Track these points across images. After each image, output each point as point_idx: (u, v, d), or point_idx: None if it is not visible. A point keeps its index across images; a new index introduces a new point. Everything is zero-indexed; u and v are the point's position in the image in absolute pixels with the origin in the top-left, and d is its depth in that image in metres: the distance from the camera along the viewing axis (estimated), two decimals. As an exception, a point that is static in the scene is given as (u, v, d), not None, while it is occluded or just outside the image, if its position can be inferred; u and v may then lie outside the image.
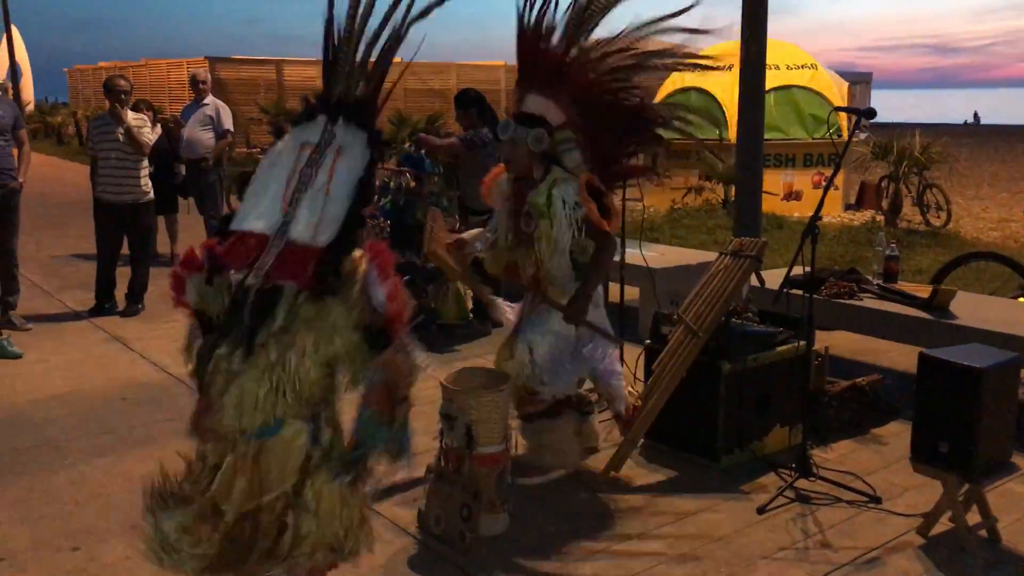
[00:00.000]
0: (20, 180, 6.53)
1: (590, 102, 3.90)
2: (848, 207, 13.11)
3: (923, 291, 5.13)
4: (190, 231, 9.53)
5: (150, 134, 7.29)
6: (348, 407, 2.67)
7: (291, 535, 2.53)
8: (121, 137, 6.95)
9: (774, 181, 12.59)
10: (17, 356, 6.03)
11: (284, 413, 2.52)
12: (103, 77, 31.82)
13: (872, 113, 4.03)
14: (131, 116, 7.10)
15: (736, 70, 7.29)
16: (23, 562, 3.45)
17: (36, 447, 4.57)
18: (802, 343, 4.23)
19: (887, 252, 5.54)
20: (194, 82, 9.10)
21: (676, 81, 14.20)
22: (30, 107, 29.94)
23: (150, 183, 7.29)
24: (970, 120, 44.92)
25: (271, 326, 2.52)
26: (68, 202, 14.81)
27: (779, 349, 4.35)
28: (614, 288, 5.24)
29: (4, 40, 25.89)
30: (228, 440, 2.57)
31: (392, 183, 6.61)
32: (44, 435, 4.73)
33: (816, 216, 3.94)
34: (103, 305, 7.24)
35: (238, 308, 2.54)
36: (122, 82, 7.08)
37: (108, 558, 3.47)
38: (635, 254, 5.30)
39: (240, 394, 2.50)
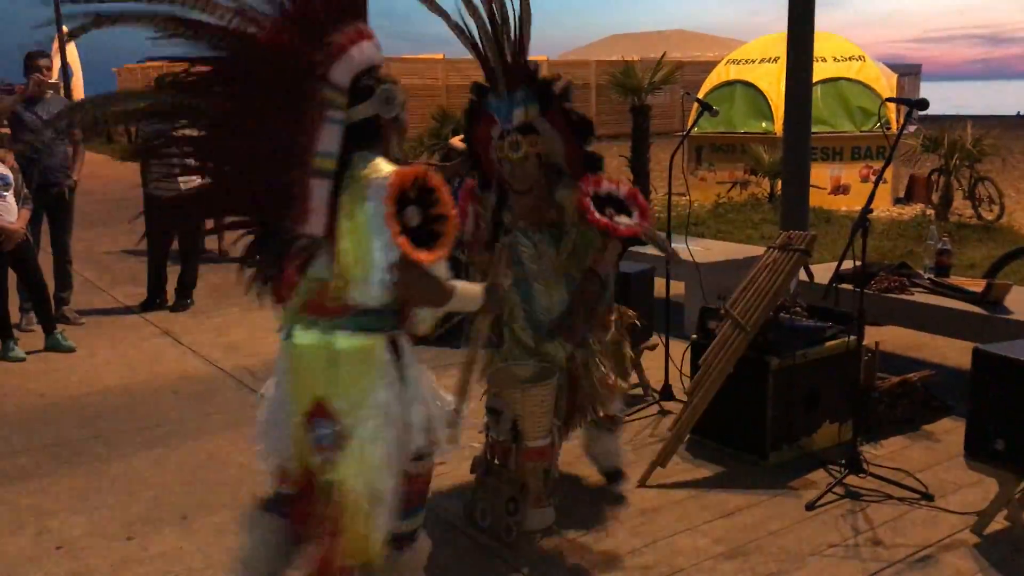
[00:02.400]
0: (75, 178, 6.66)
1: None
2: (897, 201, 12.89)
3: (976, 285, 5.03)
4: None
5: None
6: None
7: None
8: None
9: (821, 175, 12.42)
10: (71, 350, 6.16)
11: None
12: (152, 76, 32.26)
13: (924, 104, 3.95)
14: None
15: (782, 62, 7.20)
16: (80, 550, 3.53)
17: (90, 439, 4.66)
18: (852, 338, 4.17)
19: (939, 246, 5.44)
20: None
21: (721, 74, 14.11)
22: (81, 106, 30.41)
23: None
24: (1022, 112, 43.93)
25: None
26: (118, 199, 15.06)
27: (828, 344, 4.29)
28: (660, 283, 5.21)
29: (56, 41, 26.38)
30: None
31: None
32: (97, 427, 4.82)
33: (867, 209, 3.89)
34: (154, 300, 7.36)
35: None
36: None
37: (161, 547, 3.53)
38: (681, 248, 5.25)
39: None
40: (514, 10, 3.43)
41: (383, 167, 2.55)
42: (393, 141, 2.72)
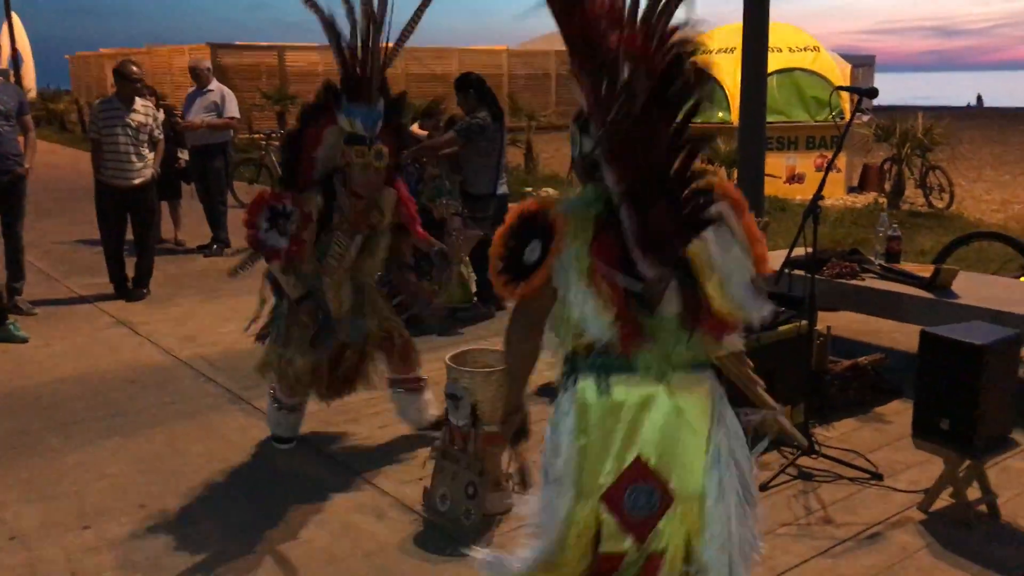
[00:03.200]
0: (26, 166, 6.56)
1: None
2: (851, 189, 13.10)
3: (925, 271, 5.14)
4: (192, 216, 9.57)
5: (157, 120, 7.39)
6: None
7: None
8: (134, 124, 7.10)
9: (777, 164, 12.57)
10: (24, 340, 6.07)
11: None
12: (105, 64, 31.85)
13: (874, 92, 4.04)
14: (138, 103, 7.17)
15: (739, 53, 7.28)
16: (35, 541, 3.50)
17: (44, 429, 4.61)
18: (804, 323, 4.25)
19: (889, 233, 5.55)
20: (194, 72, 9.09)
21: (678, 65, 14.19)
22: (32, 94, 29.88)
23: (151, 166, 7.33)
24: (973, 103, 44.76)
25: None
26: (72, 188, 14.83)
27: (781, 329, 4.36)
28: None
29: (5, 27, 25.84)
30: None
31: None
32: (52, 418, 4.77)
33: (817, 196, 3.96)
34: (125, 287, 7.32)
35: None
36: (134, 69, 7.19)
37: (117, 536, 3.52)
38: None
39: None
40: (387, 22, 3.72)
41: None
42: None
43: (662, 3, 2.01)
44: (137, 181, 7.15)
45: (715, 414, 2.27)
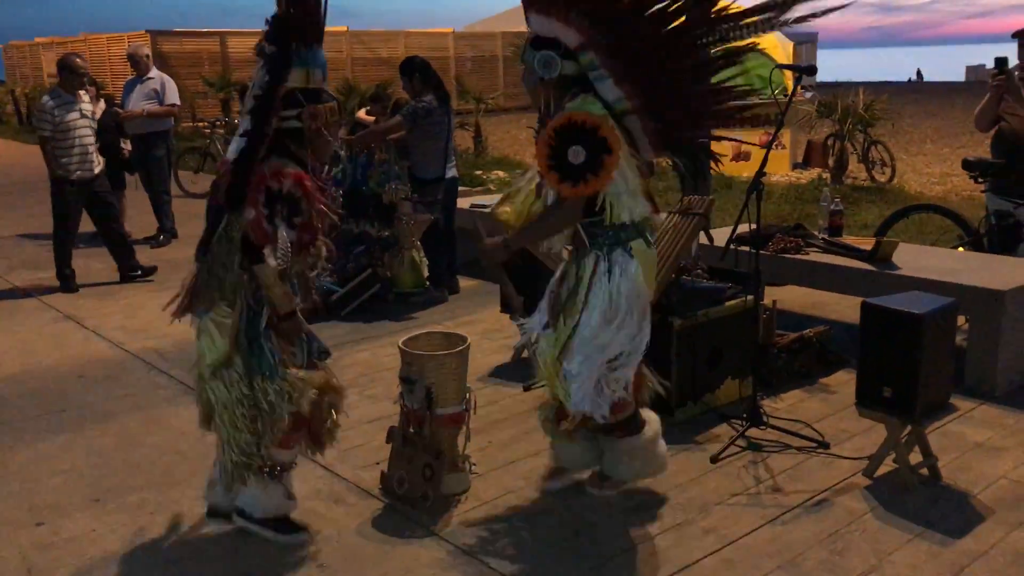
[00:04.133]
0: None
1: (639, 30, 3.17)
2: (796, 166, 13.30)
3: (867, 244, 5.27)
4: (137, 207, 9.43)
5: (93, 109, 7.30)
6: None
7: None
8: (87, 114, 7.11)
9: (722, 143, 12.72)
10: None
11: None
12: (40, 53, 31.04)
13: (813, 70, 4.12)
14: (82, 94, 7.12)
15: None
16: (-13, 539, 3.46)
17: (-7, 427, 4.54)
18: (750, 298, 4.34)
19: (832, 207, 5.67)
20: (133, 59, 8.94)
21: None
22: (-35, 86, 29.15)
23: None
24: (914, 78, 45.56)
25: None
26: (10, 182, 14.50)
27: (728, 304, 4.46)
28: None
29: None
30: None
31: (342, 152, 6.59)
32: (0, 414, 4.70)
33: (760, 173, 4.04)
34: (70, 282, 7.25)
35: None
36: (80, 61, 7.14)
37: (72, 531, 3.49)
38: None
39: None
40: None
41: None
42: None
43: None
44: (98, 171, 7.23)
45: None
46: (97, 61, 25.22)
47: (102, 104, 9.13)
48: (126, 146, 9.01)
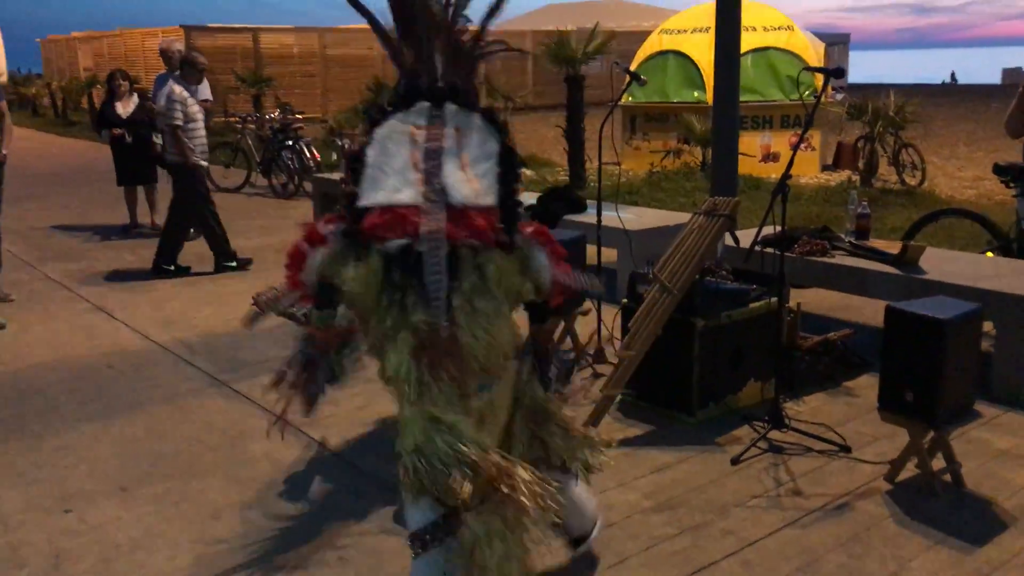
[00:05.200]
0: (3, 152, 6.53)
1: None
2: (825, 168, 13.22)
3: (894, 247, 5.24)
4: (168, 200, 9.53)
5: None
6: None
7: None
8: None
9: (752, 143, 12.68)
10: (1, 327, 6.07)
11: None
12: (76, 47, 31.38)
13: (840, 72, 4.10)
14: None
15: (713, 32, 7.33)
16: (16, 524, 3.53)
17: (23, 415, 4.63)
18: (774, 300, 4.33)
19: (859, 210, 5.64)
20: (165, 54, 9.04)
21: (654, 44, 14.25)
22: (3, 78, 29.53)
23: None
24: (948, 80, 45.06)
25: (459, 287, 2.51)
26: (46, 174, 14.73)
27: (752, 306, 4.45)
28: (591, 250, 5.32)
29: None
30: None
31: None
32: (31, 403, 4.79)
33: (786, 175, 4.04)
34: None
35: (412, 271, 2.50)
36: (201, 57, 7.77)
37: (99, 519, 3.56)
38: (611, 216, 5.38)
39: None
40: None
41: None
42: None
43: None
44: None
45: None
46: (132, 56, 25.53)
47: (135, 99, 9.26)
48: (158, 140, 9.12)
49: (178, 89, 7.32)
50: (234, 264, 7.60)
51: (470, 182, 2.59)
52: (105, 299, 6.81)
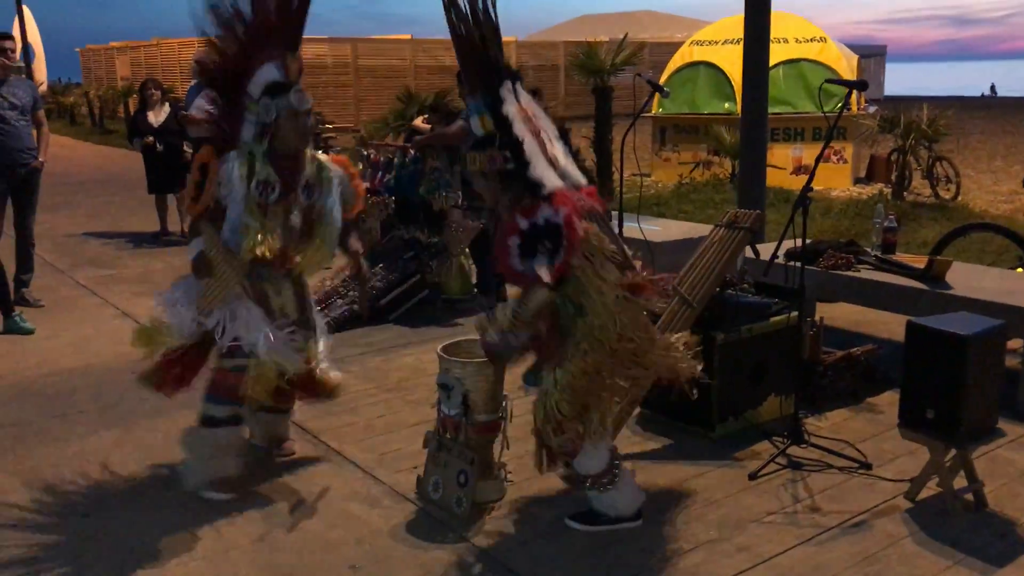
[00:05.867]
0: (41, 159, 6.66)
1: None
2: (858, 181, 13.09)
3: (921, 262, 5.17)
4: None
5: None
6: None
7: None
8: None
9: (783, 155, 12.59)
10: (29, 332, 6.16)
11: None
12: (114, 57, 31.81)
13: (864, 85, 4.07)
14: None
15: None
16: (38, 528, 3.57)
17: (47, 419, 4.69)
18: (795, 313, 4.29)
19: (885, 224, 5.57)
20: (200, 64, 9.14)
21: (685, 55, 14.21)
22: (43, 87, 30.09)
23: None
24: (987, 92, 44.47)
25: None
26: (81, 181, 14.97)
27: (773, 320, 4.41)
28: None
29: (16, 21, 25.98)
30: None
31: (396, 159, 6.67)
32: (55, 408, 4.85)
33: (807, 187, 4.00)
34: None
35: None
36: None
37: (119, 524, 3.59)
38: (634, 228, 5.35)
39: None
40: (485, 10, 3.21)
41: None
42: (276, 136, 3.64)
43: None
44: None
45: None
46: (168, 65, 25.89)
47: (167, 108, 9.38)
48: (188, 150, 9.24)
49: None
50: None
51: (569, 164, 3.35)
52: (133, 305, 6.89)
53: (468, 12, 3.20)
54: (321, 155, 3.94)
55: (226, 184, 3.61)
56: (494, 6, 3.22)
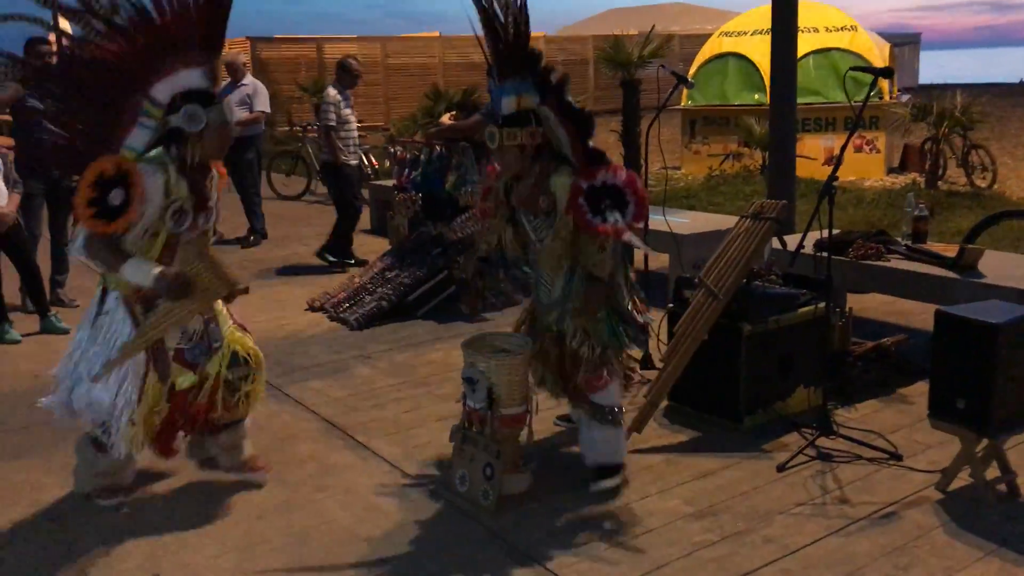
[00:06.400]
0: (67, 166, 6.75)
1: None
2: (891, 171, 12.92)
3: (952, 251, 5.10)
4: (229, 208, 9.74)
5: None
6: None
7: None
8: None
9: (814, 146, 12.47)
10: (65, 332, 6.25)
11: None
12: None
13: (890, 72, 4.02)
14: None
15: (771, 34, 7.24)
16: (72, 523, 3.64)
17: (83, 416, 4.76)
18: (823, 304, 4.25)
19: (916, 213, 5.50)
20: (230, 66, 9.22)
21: (714, 47, 14.11)
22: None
23: None
24: (1024, 79, 43.65)
25: None
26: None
27: (801, 311, 4.37)
28: (639, 254, 5.27)
29: (52, 35, 26.36)
30: None
31: (422, 156, 6.70)
32: (91, 405, 4.92)
33: (832, 177, 3.97)
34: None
35: None
36: (355, 63, 8.04)
37: (150, 517, 3.64)
38: (659, 220, 5.34)
39: None
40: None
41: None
42: (199, 148, 3.44)
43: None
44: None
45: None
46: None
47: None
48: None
49: (332, 93, 7.82)
50: (348, 261, 7.95)
51: None
52: (166, 304, 6.96)
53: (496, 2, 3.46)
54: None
55: (148, 203, 3.35)
56: None
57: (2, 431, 4.61)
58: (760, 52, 12.96)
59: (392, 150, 6.93)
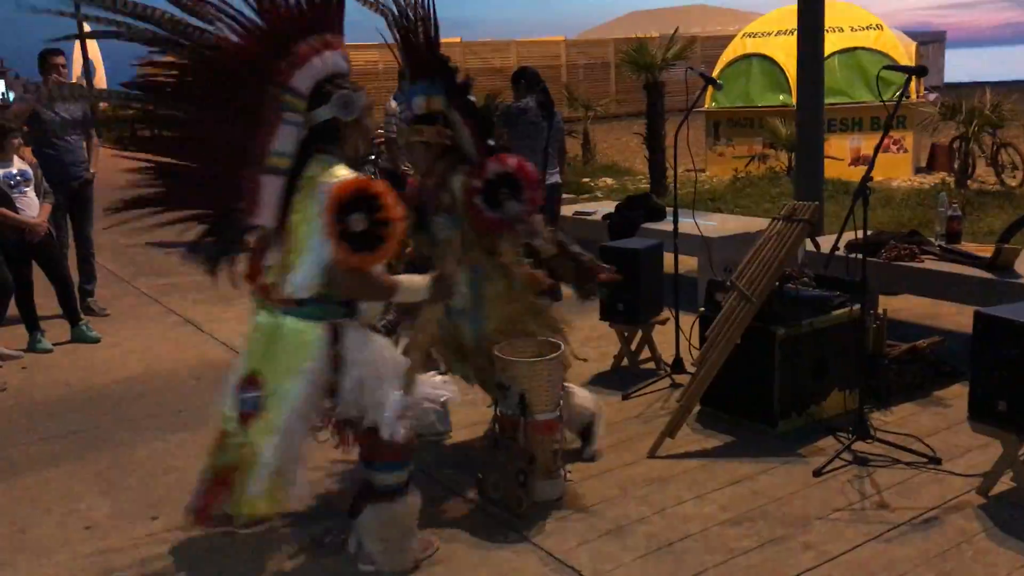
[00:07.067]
0: (92, 171, 6.81)
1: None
2: (919, 170, 12.79)
3: (987, 251, 5.02)
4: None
5: None
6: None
7: None
8: None
9: (841, 146, 12.37)
10: (96, 340, 6.30)
11: None
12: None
13: (924, 71, 3.96)
14: None
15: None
16: (106, 530, 3.65)
17: (114, 425, 4.79)
18: (857, 306, 4.20)
19: (949, 213, 5.43)
20: None
21: (737, 48, 14.04)
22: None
23: None
24: (1052, 76, 43.13)
25: None
26: (143, 193, 15.25)
27: (835, 313, 4.32)
28: (668, 257, 5.24)
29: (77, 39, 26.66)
30: None
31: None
32: (122, 413, 4.96)
33: (866, 177, 3.91)
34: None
35: None
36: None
37: (184, 527, 3.64)
38: (689, 223, 5.29)
39: None
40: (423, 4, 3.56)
41: (336, 172, 2.85)
42: (354, 142, 3.07)
43: None
44: None
45: (310, 348, 2.99)
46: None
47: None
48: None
49: (394, 104, 7.67)
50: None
51: None
52: (194, 312, 7.01)
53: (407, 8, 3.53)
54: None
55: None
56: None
57: (36, 439, 4.64)
58: (785, 52, 12.88)
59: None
